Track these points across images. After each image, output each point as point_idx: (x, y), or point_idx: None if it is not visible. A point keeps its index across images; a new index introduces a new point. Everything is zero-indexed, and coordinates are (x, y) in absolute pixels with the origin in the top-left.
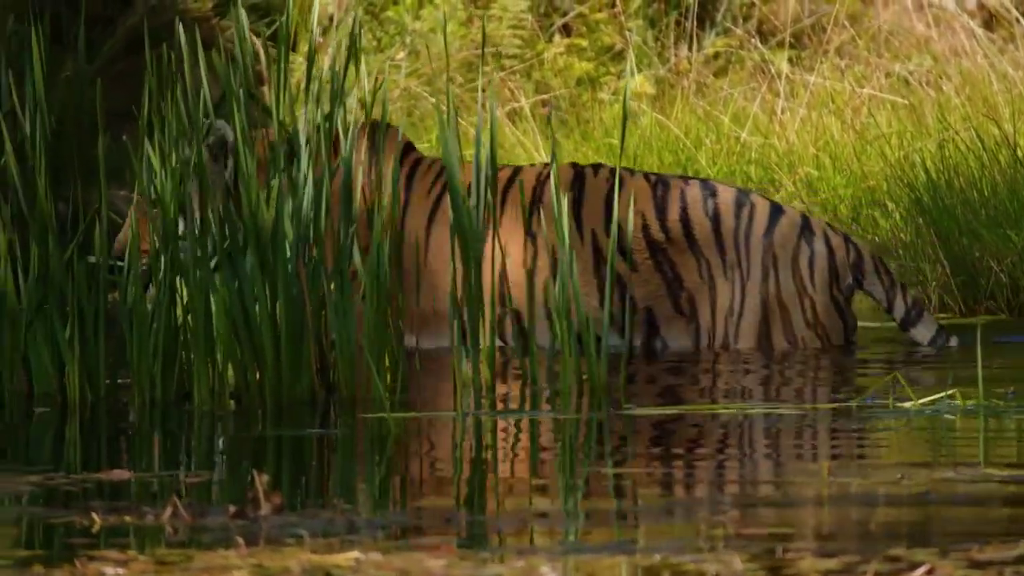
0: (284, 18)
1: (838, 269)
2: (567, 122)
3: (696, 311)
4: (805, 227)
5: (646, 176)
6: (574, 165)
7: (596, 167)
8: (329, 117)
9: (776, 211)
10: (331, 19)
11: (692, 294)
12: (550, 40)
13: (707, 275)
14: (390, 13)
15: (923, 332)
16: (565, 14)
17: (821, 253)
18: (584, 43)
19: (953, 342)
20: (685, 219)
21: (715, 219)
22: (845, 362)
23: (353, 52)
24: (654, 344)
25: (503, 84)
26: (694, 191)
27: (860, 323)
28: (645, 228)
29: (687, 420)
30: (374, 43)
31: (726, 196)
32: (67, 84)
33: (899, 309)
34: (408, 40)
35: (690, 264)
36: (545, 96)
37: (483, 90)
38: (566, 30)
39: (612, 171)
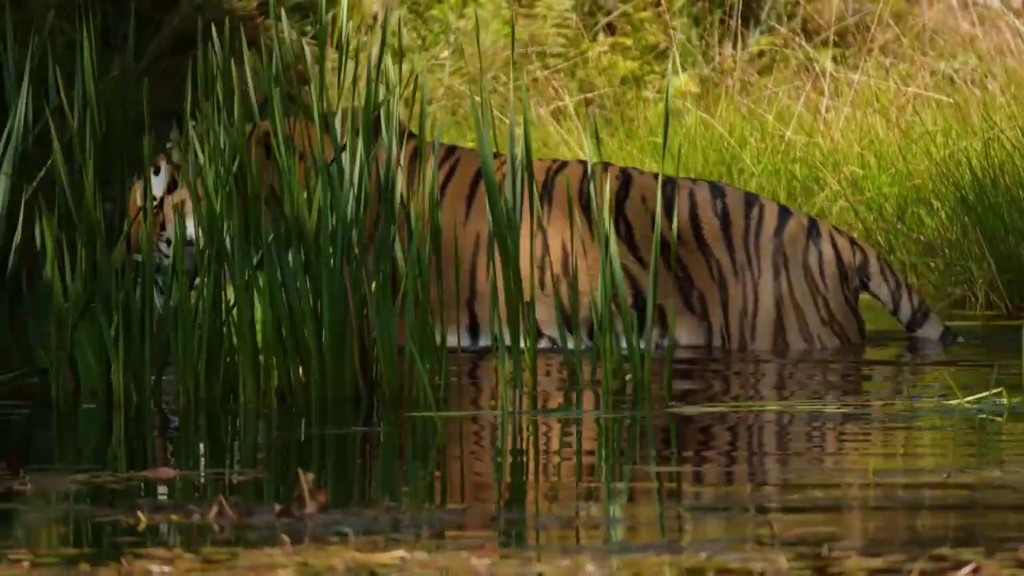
0: (319, 17)
1: (846, 270)
2: (611, 121)
3: (707, 311)
4: (812, 228)
5: (655, 176)
6: (581, 162)
7: (605, 165)
8: (369, 115)
9: (784, 212)
10: (375, 18)
11: (703, 293)
12: (594, 39)
13: (717, 275)
14: (434, 12)
15: (930, 332)
16: (609, 13)
17: (829, 254)
18: (628, 42)
19: (959, 342)
20: (695, 219)
21: (724, 219)
22: (884, 361)
23: (396, 51)
24: (662, 343)
25: (547, 83)
26: (703, 192)
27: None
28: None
29: (731, 419)
30: (418, 42)
31: (735, 197)
32: (114, 83)
33: (905, 310)
34: (452, 39)
35: (700, 263)
36: (589, 95)
37: (519, 89)
38: (610, 29)
39: (622, 170)
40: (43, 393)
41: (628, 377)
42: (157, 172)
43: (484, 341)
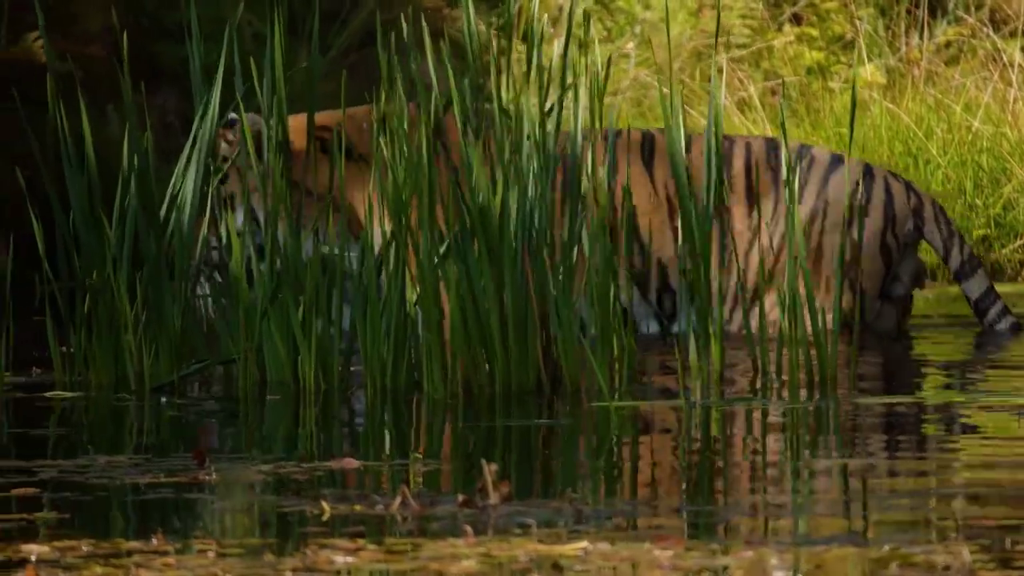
0: (507, 8)
1: (896, 214)
2: (797, 111)
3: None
4: (866, 173)
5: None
6: (642, 131)
7: (663, 130)
8: (554, 106)
9: (836, 160)
10: (560, 9)
11: (735, 239)
12: (780, 29)
13: (755, 222)
14: (620, 3)
15: (975, 287)
16: (795, 3)
17: (878, 197)
18: (815, 32)
19: (999, 305)
20: (748, 169)
21: (775, 169)
22: None
23: (581, 42)
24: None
25: (732, 73)
26: (759, 143)
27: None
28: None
29: (914, 408)
30: (604, 33)
31: (790, 146)
32: (301, 76)
33: (955, 260)
34: (638, 30)
35: (741, 213)
36: (775, 82)
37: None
38: (796, 19)
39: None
40: (231, 383)
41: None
42: None
43: (672, 330)
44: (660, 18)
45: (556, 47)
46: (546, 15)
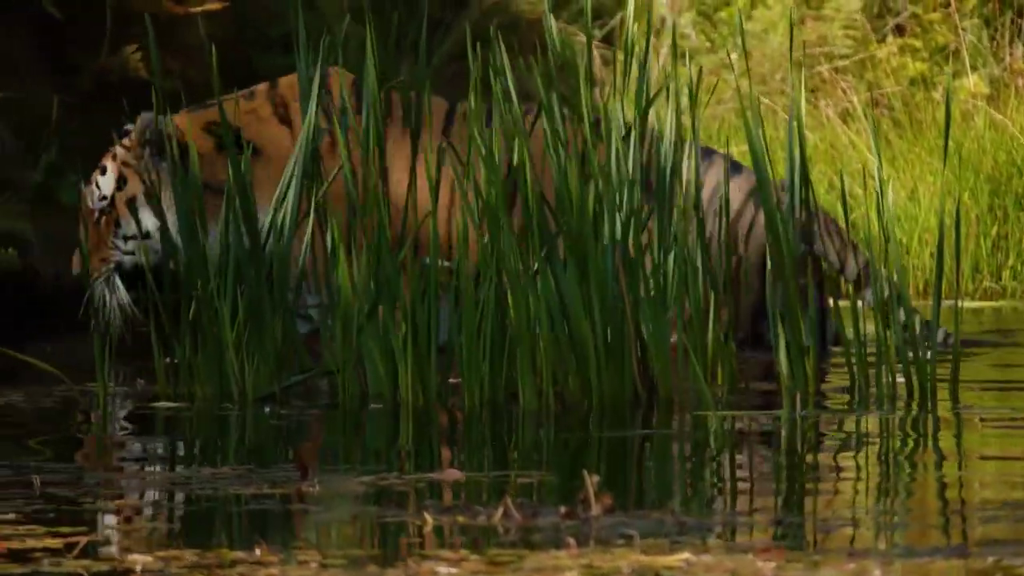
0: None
1: None
2: (900, 122)
3: None
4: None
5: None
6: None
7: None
8: (645, 116)
9: (733, 170)
10: (663, 20)
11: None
12: (883, 40)
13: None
14: (722, 14)
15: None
16: (898, 14)
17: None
18: (918, 43)
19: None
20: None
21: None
22: None
23: (683, 52)
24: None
25: (835, 84)
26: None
27: None
28: None
29: (1016, 418)
30: (707, 44)
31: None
32: (404, 86)
33: (851, 270)
34: (740, 41)
35: None
36: (878, 92)
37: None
38: (899, 30)
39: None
40: (332, 395)
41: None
42: (104, 172)
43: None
44: (763, 29)
45: (660, 58)
46: (647, 26)
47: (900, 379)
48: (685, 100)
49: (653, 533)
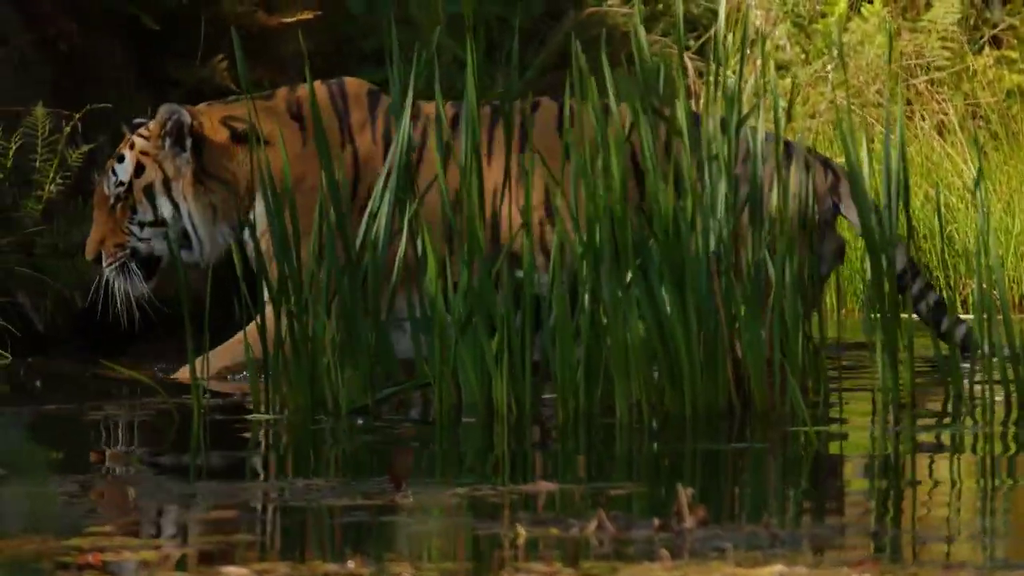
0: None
1: (816, 192)
2: (996, 134)
3: None
4: (785, 152)
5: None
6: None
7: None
8: (739, 128)
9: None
10: (758, 32)
11: None
12: (979, 52)
13: None
14: (818, 26)
15: (896, 262)
16: (995, 26)
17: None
18: (1014, 55)
19: (919, 281)
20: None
21: None
22: None
23: (778, 63)
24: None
25: (930, 96)
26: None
27: None
28: None
29: None
30: (802, 56)
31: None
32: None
33: (900, 262)
34: (836, 53)
35: None
36: (974, 103)
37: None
38: (996, 42)
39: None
40: (427, 406)
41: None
42: (121, 160)
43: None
44: (859, 41)
45: (754, 70)
46: (740, 37)
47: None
48: (780, 112)
49: (747, 546)
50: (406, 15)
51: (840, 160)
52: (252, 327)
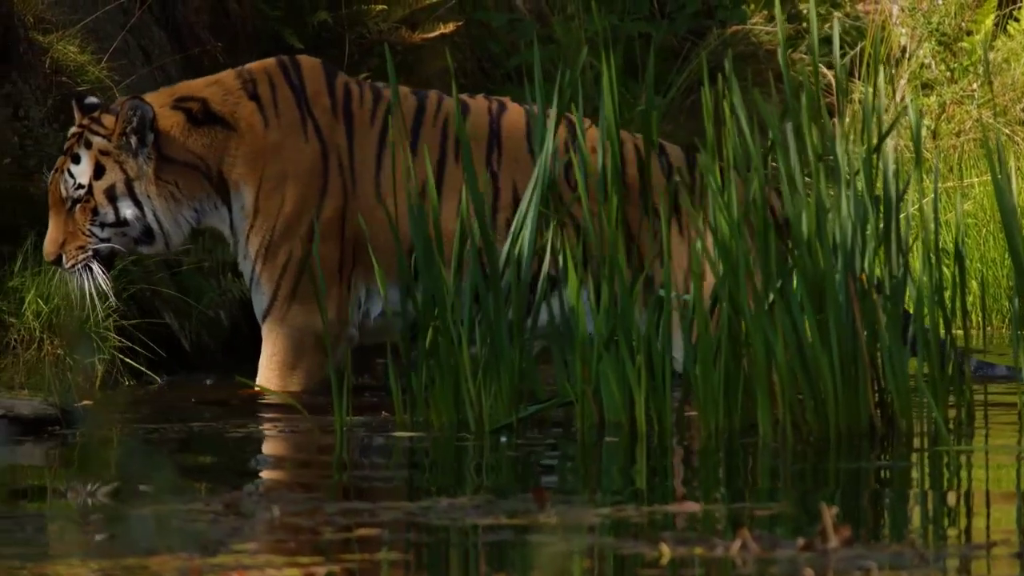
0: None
1: None
2: None
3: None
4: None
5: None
6: None
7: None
8: (877, 146)
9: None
10: (903, 50)
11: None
12: None
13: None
14: (964, 44)
15: None
16: None
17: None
18: None
19: None
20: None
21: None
22: None
23: (924, 82)
24: None
25: None
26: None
27: None
28: None
29: None
30: (947, 74)
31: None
32: (641, 117)
33: None
34: (981, 71)
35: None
36: None
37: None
38: None
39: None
40: (569, 424)
41: None
42: (77, 161)
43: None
44: (1004, 59)
45: (899, 88)
46: (886, 56)
47: None
48: (924, 131)
49: (892, 565)
50: (551, 35)
51: (985, 178)
52: (304, 328)
